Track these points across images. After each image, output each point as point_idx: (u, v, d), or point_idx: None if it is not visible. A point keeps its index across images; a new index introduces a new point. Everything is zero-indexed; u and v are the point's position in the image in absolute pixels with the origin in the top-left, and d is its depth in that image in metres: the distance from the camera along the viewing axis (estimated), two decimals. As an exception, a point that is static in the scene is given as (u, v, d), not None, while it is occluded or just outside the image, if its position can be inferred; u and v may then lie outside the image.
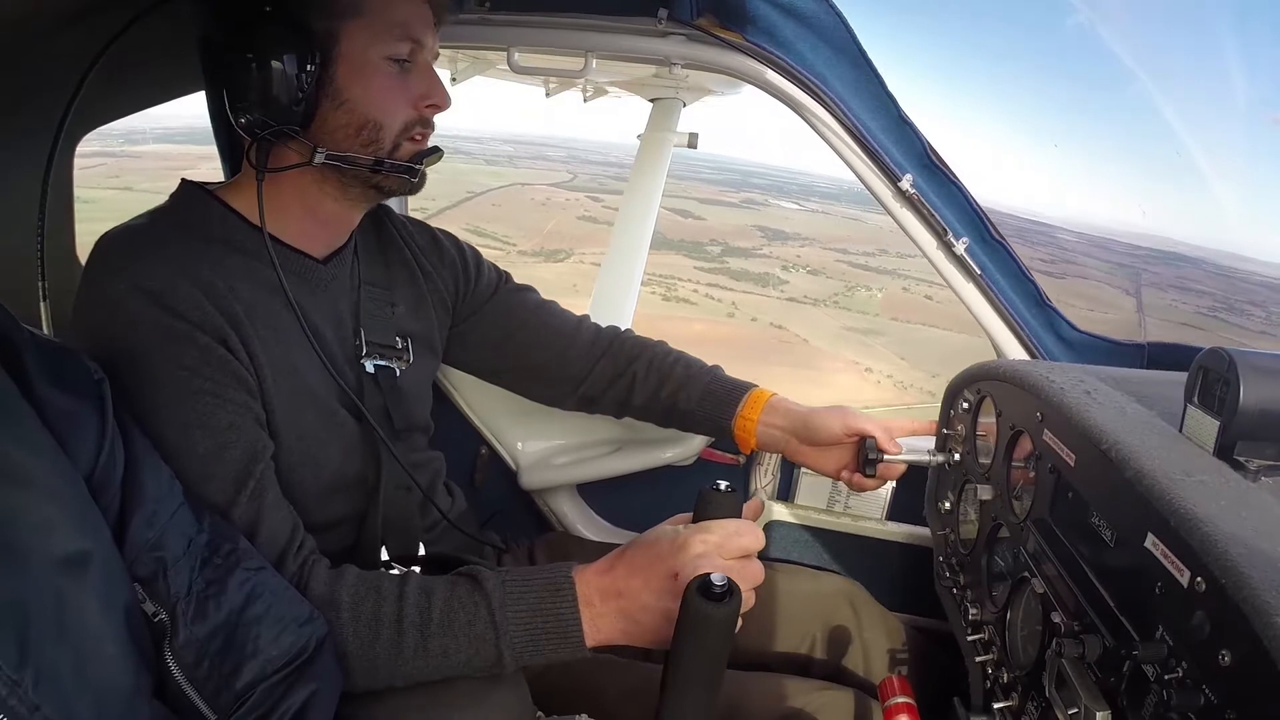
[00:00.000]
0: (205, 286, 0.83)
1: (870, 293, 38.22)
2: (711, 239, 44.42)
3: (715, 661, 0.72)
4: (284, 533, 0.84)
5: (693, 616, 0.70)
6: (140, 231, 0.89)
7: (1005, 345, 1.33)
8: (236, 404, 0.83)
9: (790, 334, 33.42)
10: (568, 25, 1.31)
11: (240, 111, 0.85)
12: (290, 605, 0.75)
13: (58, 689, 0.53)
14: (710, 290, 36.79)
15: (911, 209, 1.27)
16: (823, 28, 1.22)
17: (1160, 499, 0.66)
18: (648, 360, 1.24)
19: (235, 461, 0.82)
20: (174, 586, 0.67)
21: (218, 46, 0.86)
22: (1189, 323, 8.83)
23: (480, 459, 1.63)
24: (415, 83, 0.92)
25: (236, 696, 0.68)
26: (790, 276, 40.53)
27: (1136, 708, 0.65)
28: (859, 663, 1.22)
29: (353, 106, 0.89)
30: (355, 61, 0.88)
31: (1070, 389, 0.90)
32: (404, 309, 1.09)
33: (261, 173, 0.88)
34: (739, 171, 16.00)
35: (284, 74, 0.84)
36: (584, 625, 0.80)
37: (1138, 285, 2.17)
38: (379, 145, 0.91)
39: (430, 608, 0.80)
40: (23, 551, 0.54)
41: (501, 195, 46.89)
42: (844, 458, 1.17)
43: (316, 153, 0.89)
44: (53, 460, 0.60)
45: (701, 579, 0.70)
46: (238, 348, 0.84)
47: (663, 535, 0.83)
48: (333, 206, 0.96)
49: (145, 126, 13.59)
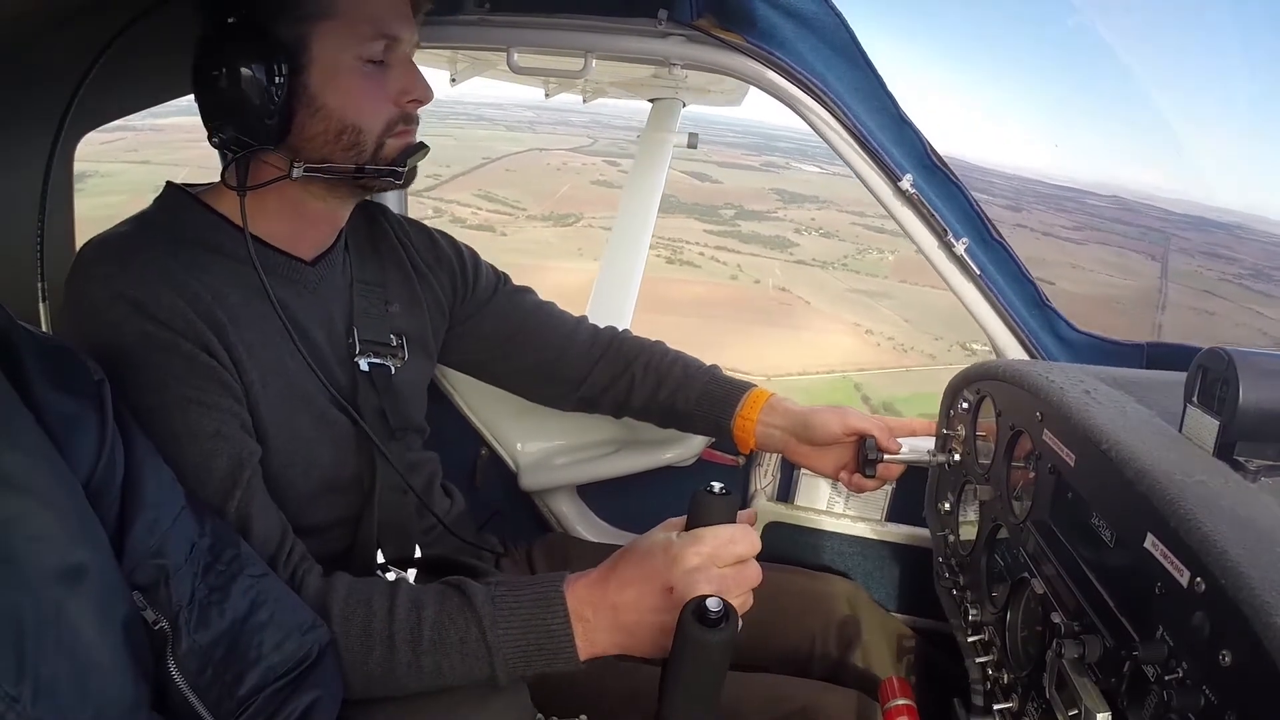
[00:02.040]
0: (189, 294, 0.83)
1: (881, 255, 37.56)
2: (726, 202, 43.82)
3: (713, 685, 0.71)
4: (273, 539, 0.83)
5: (689, 643, 0.69)
6: (123, 239, 0.88)
7: (1005, 345, 1.33)
8: (222, 410, 0.83)
9: (793, 296, 33.16)
10: (567, 26, 1.31)
11: (215, 129, 0.85)
12: (294, 612, 0.75)
13: (56, 703, 0.52)
14: (717, 253, 36.40)
15: (912, 209, 1.27)
16: (822, 28, 1.22)
17: (1160, 499, 0.66)
18: (646, 361, 1.23)
19: (222, 469, 0.82)
20: (176, 595, 0.67)
21: (196, 61, 0.85)
22: (1211, 290, 8.67)
23: (480, 460, 1.63)
24: (394, 79, 0.90)
25: (239, 703, 0.67)
26: (801, 239, 40.02)
27: (1137, 708, 0.65)
28: (859, 664, 1.21)
29: (329, 113, 0.87)
30: (328, 66, 0.86)
31: (1070, 389, 0.90)
32: (398, 306, 1.08)
33: (242, 190, 0.87)
34: (763, 135, 15.87)
35: (255, 86, 0.81)
36: (577, 639, 0.79)
37: (1165, 251, 2.17)
38: (361, 149, 0.89)
39: (420, 624, 0.79)
40: (19, 563, 0.54)
41: (517, 160, 46.29)
42: (843, 457, 1.17)
43: (294, 167, 0.87)
44: (50, 468, 0.59)
45: (696, 603, 0.69)
46: (221, 354, 0.84)
47: (655, 546, 0.80)
48: (318, 206, 0.95)
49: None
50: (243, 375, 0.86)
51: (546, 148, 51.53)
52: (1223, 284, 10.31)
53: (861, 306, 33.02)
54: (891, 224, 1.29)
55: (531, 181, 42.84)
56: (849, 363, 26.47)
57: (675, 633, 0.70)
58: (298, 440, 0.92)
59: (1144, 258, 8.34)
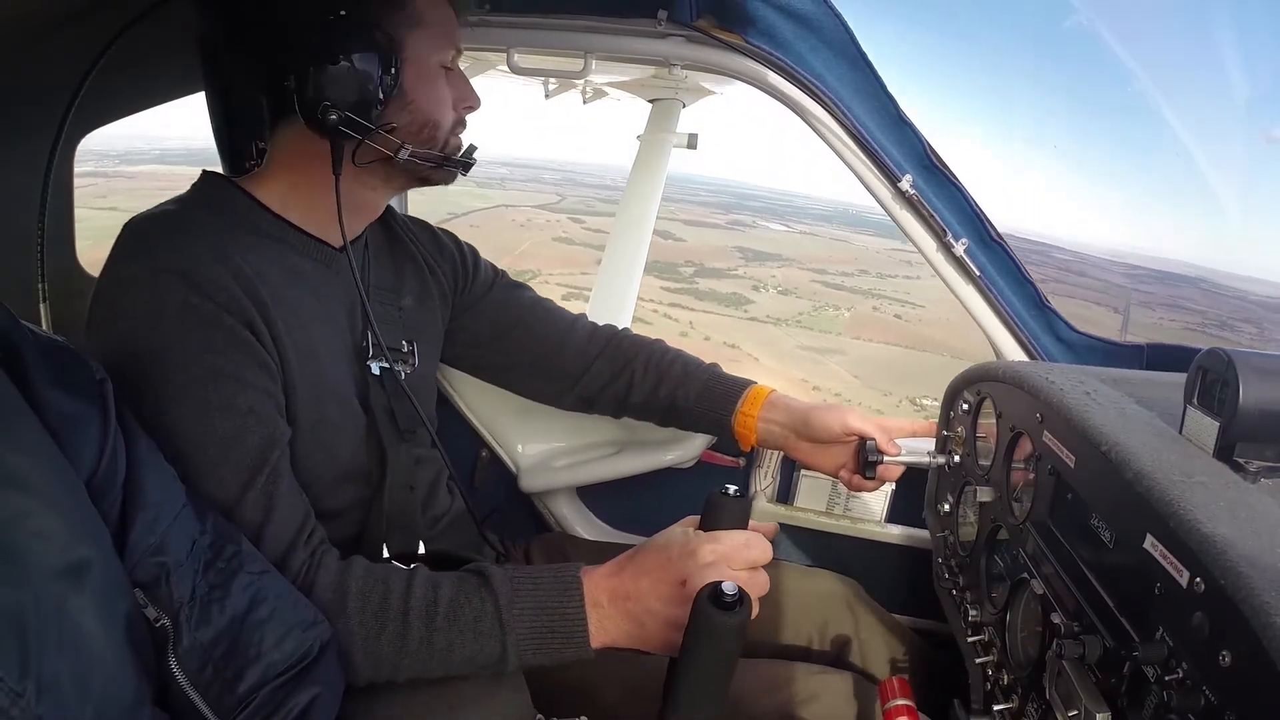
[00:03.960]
0: (234, 269, 0.84)
1: (837, 312, 38.11)
2: (687, 260, 44.19)
3: (724, 670, 0.72)
4: (295, 520, 0.84)
5: (703, 624, 0.70)
6: (168, 216, 0.90)
7: (1004, 347, 1.33)
8: (258, 389, 0.84)
9: (741, 353, 33.19)
10: (567, 26, 1.31)
11: (321, 109, 0.85)
12: (294, 609, 0.75)
13: (59, 699, 0.52)
14: (670, 310, 36.61)
15: (911, 210, 1.27)
16: (822, 29, 1.22)
17: (1160, 500, 0.66)
18: (645, 358, 1.24)
19: (253, 446, 0.82)
20: (177, 592, 0.67)
21: (281, 46, 0.86)
22: (1176, 340, 8.72)
23: (480, 461, 1.62)
24: (455, 86, 0.98)
25: (240, 700, 0.68)
26: (758, 296, 40.31)
27: (1137, 709, 0.65)
28: (858, 664, 1.21)
29: (417, 108, 0.93)
30: (420, 66, 0.92)
31: (1070, 390, 0.90)
32: (411, 300, 1.11)
33: (338, 168, 0.89)
34: (734, 194, 15.76)
35: (369, 76, 0.86)
36: (590, 626, 0.80)
37: (1126, 304, 2.19)
38: (435, 143, 0.96)
39: (437, 601, 0.81)
40: (22, 560, 0.54)
41: (483, 216, 46.40)
42: (843, 457, 1.17)
43: (402, 149, 0.91)
44: (53, 465, 0.60)
45: (712, 586, 0.70)
46: (262, 332, 0.85)
47: (673, 540, 0.83)
48: (367, 196, 0.99)
49: (144, 148, 13.65)
50: (281, 355, 0.87)
51: (514, 204, 51.85)
52: (1186, 333, 10.38)
53: (810, 362, 33.24)
54: (852, 280, 1.30)
55: (493, 238, 42.95)
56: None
57: (690, 617, 0.71)
58: (324, 426, 0.93)
59: (1105, 310, 8.50)
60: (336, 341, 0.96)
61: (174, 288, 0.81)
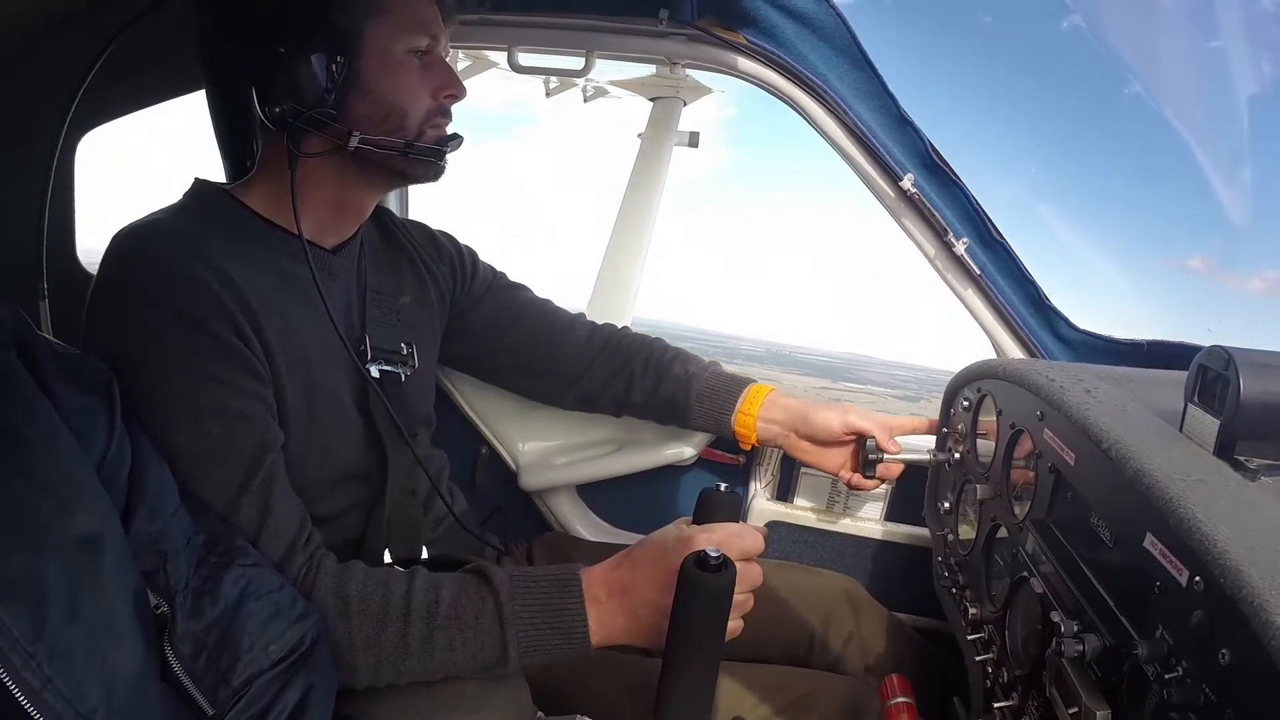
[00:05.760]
0: (221, 276, 0.84)
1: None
2: None
3: (712, 636, 0.74)
4: (293, 524, 0.84)
5: (688, 587, 0.72)
6: (159, 224, 0.90)
7: (1005, 345, 1.33)
8: (248, 393, 0.84)
9: None
10: (568, 25, 1.31)
11: (272, 103, 0.86)
12: (285, 602, 0.76)
13: (70, 664, 0.54)
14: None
15: (912, 209, 1.27)
16: (823, 28, 1.22)
17: (1159, 498, 0.66)
18: (645, 357, 1.24)
19: (246, 451, 0.82)
20: (173, 580, 0.69)
21: (240, 42, 0.87)
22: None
23: (480, 459, 1.62)
24: (433, 75, 0.96)
25: (234, 692, 0.68)
26: None
27: (1136, 707, 0.65)
28: (858, 662, 1.21)
29: (378, 96, 0.91)
30: (380, 54, 0.91)
31: (1070, 387, 0.90)
32: (410, 300, 1.11)
33: (294, 160, 0.89)
34: (666, 334, 15.38)
35: (316, 66, 0.86)
36: (590, 622, 0.81)
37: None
38: (404, 132, 0.93)
39: (438, 601, 0.81)
40: (41, 528, 0.56)
41: None
42: (843, 455, 1.17)
43: (351, 136, 0.90)
44: (68, 446, 0.63)
45: (697, 553, 0.72)
46: (250, 338, 0.85)
47: (668, 534, 0.85)
48: (351, 194, 0.98)
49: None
50: (270, 359, 0.87)
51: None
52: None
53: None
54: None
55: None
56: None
57: (677, 585, 0.73)
58: (315, 429, 0.93)
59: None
60: (330, 345, 0.95)
61: (163, 296, 0.81)
